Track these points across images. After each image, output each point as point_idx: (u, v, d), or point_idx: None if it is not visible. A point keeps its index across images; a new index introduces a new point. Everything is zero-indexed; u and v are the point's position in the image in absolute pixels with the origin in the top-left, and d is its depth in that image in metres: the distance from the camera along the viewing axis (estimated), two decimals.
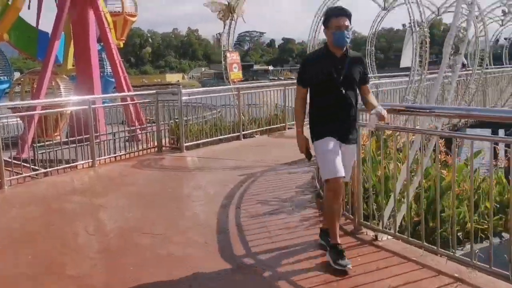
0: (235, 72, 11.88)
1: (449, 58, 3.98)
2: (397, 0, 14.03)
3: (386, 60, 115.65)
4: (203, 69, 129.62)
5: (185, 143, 9.52)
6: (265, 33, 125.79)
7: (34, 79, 15.08)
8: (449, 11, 14.14)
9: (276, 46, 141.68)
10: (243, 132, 10.76)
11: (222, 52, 12.02)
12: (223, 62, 11.98)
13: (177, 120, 9.76)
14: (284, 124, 11.87)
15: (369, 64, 17.11)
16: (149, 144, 9.78)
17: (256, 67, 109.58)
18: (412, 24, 9.56)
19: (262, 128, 11.34)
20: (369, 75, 4.37)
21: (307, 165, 7.72)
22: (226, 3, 11.20)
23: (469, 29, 4.49)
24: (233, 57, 11.89)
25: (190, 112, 11.06)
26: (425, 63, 9.36)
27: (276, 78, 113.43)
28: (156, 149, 9.70)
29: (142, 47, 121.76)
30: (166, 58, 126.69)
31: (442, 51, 4.29)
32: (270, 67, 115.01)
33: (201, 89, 11.43)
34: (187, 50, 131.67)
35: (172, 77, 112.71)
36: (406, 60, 12.67)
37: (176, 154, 9.26)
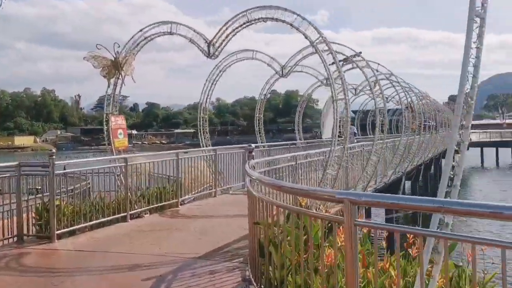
0: (120, 139, 9.97)
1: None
2: (294, 68, 13.73)
3: (249, 127, 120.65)
4: (58, 132, 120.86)
5: (57, 230, 7.34)
6: (128, 96, 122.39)
7: None
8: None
9: (140, 110, 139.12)
10: (130, 212, 8.86)
11: (105, 115, 10.13)
12: (105, 127, 10.04)
13: (45, 201, 7.58)
14: (176, 200, 10.19)
15: (258, 132, 16.41)
16: (4, 233, 7.35)
17: None
18: (333, 95, 8.92)
19: (152, 206, 9.51)
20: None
21: (225, 258, 6.23)
22: (112, 58, 9.51)
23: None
24: (118, 122, 10.03)
25: (60, 186, 8.83)
26: (347, 135, 8.69)
27: (140, 142, 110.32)
28: (15, 238, 7.34)
29: None
30: (16, 119, 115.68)
31: (303, 120, 3.25)
32: (134, 131, 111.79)
33: (80, 160, 9.32)
34: (41, 112, 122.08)
35: (22, 140, 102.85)
36: (328, 131, 12.13)
37: (44, 246, 7.00)
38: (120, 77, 9.74)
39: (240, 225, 8.03)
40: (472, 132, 54.74)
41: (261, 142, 16.06)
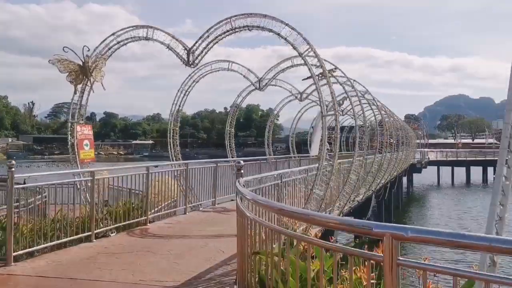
0: (86, 151, 9.18)
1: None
2: (272, 80, 13.31)
3: (209, 139, 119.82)
4: (9, 139, 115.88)
5: (14, 251, 6.52)
6: (87, 106, 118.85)
7: None
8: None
9: (97, 120, 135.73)
10: (96, 230, 8.09)
11: (70, 124, 9.29)
12: (69, 137, 9.22)
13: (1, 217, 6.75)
14: (145, 217, 9.48)
15: (229, 146, 15.85)
16: None
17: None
18: (322, 110, 8.50)
19: (119, 224, 8.75)
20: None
21: (209, 287, 5.62)
22: (80, 63, 8.74)
23: None
24: (85, 131, 9.24)
25: (19, 200, 7.94)
26: (336, 152, 8.27)
27: (96, 152, 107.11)
28: None
29: None
30: None
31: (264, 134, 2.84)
32: None
33: (42, 173, 8.49)
34: None
35: None
36: (315, 147, 11.69)
37: None
38: (89, 83, 8.99)
39: (218, 247, 7.44)
40: (430, 151, 56.35)
41: (232, 157, 15.51)
